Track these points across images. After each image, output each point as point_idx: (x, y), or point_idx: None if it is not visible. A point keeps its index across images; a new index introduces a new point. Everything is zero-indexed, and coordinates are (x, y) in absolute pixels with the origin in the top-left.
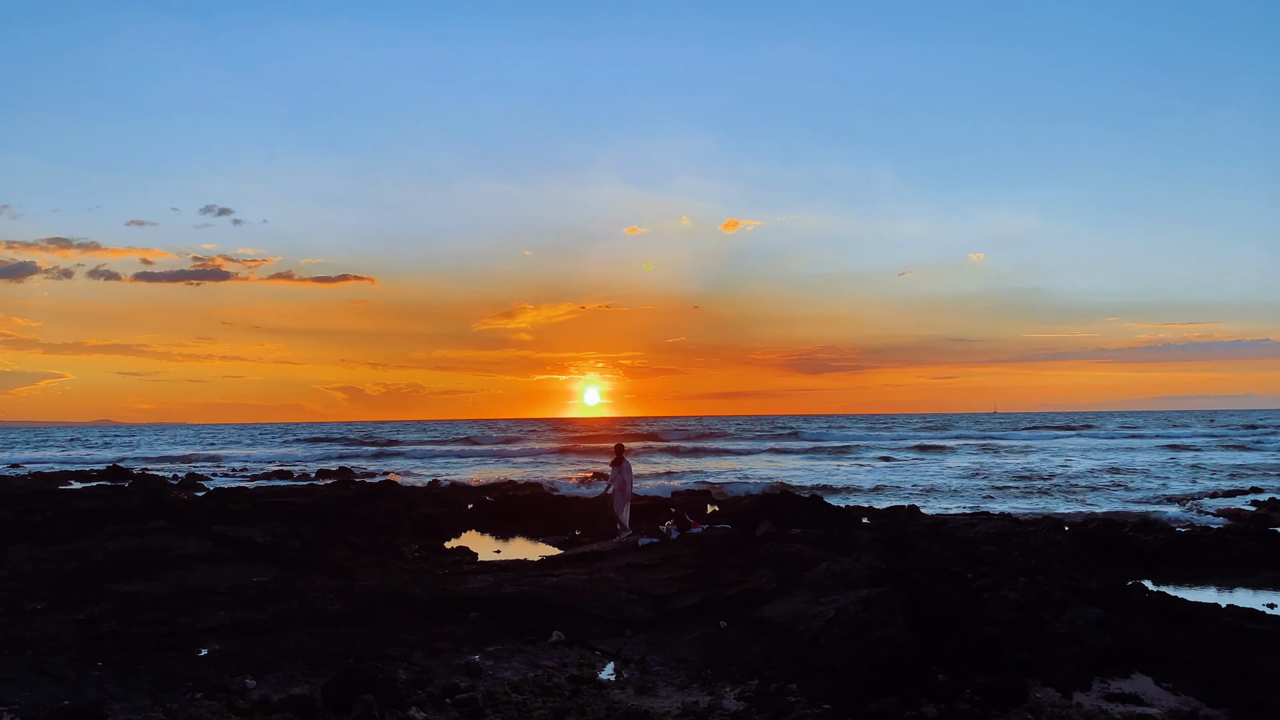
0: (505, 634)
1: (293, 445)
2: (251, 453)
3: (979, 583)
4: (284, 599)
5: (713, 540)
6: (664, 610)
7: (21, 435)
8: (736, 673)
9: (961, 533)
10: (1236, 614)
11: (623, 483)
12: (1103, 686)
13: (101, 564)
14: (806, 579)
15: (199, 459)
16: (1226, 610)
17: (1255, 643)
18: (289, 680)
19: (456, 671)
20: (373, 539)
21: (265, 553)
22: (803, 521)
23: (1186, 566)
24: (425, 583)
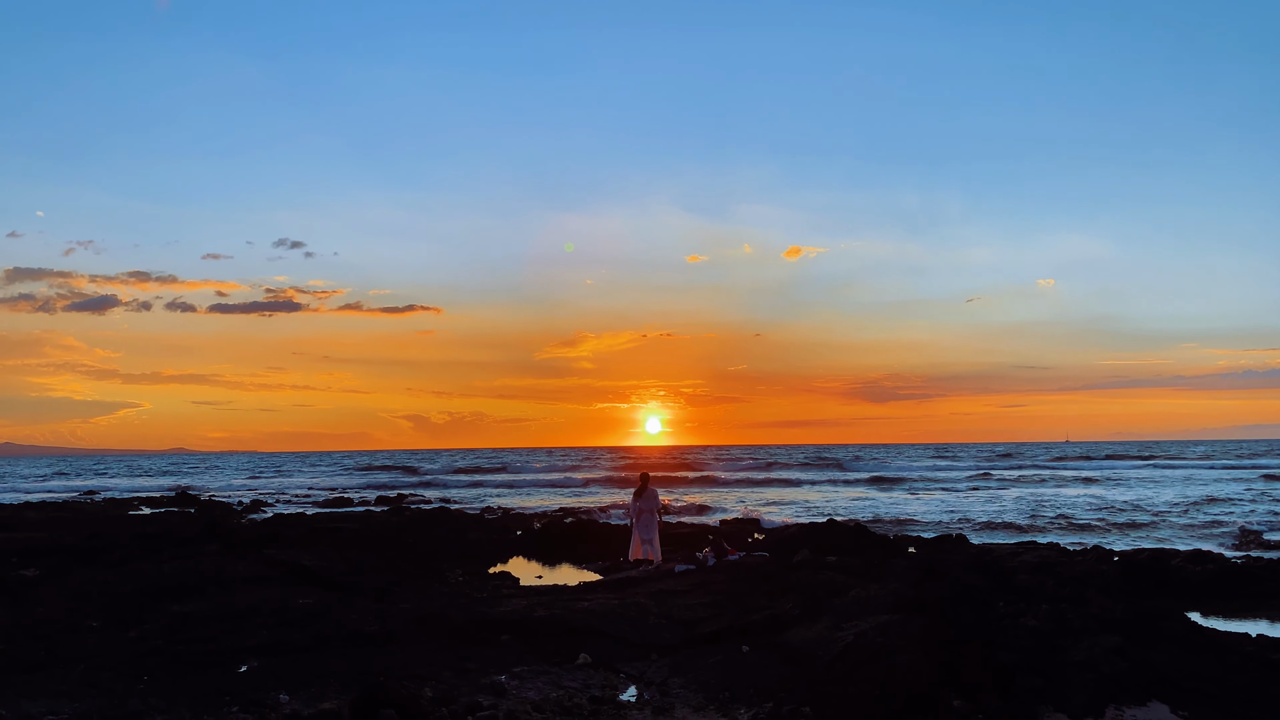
0: (534, 656)
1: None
2: (316, 480)
3: (1002, 610)
4: (323, 620)
5: (747, 568)
6: (690, 635)
7: (99, 463)
8: (754, 696)
9: (1005, 562)
10: (1262, 644)
11: (640, 511)
12: (1116, 714)
13: (156, 585)
14: (833, 606)
15: (265, 486)
16: (1251, 640)
17: (1261, 668)
18: (320, 696)
19: (481, 690)
20: (418, 564)
21: (312, 576)
22: (845, 550)
23: (1234, 598)
24: (461, 606)
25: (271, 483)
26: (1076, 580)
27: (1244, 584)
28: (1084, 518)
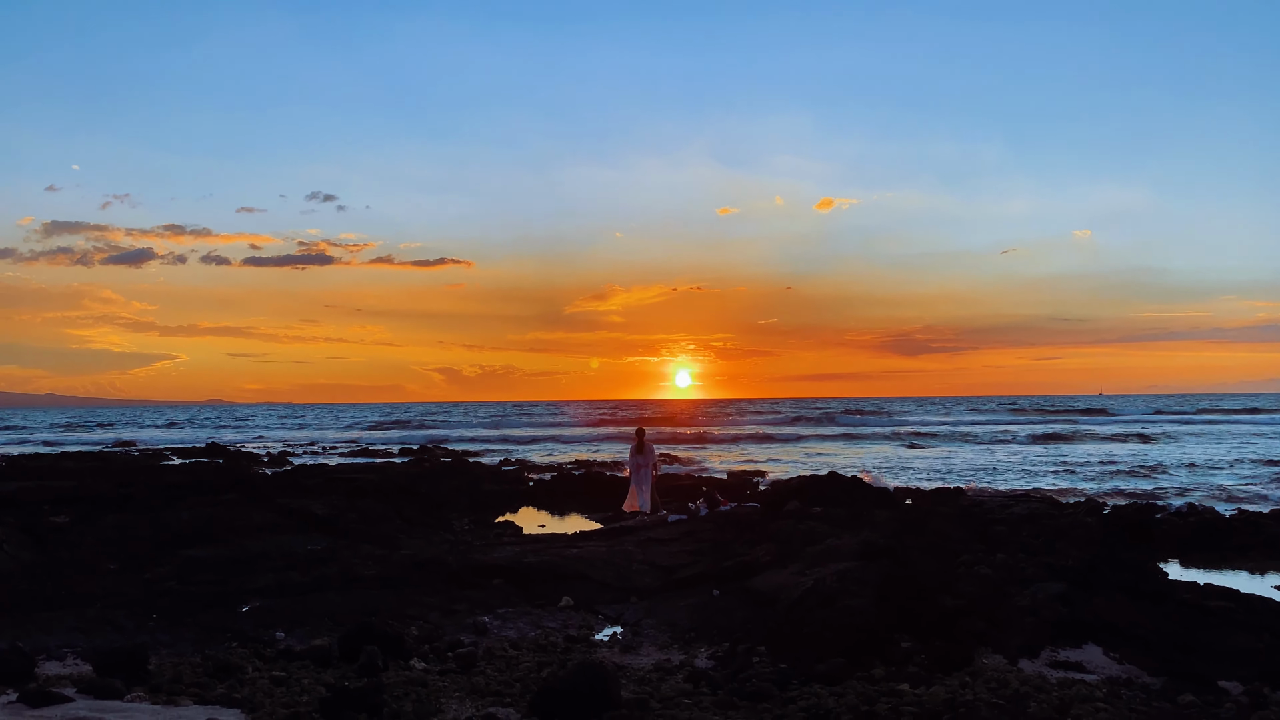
0: (520, 599)
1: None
2: (344, 433)
3: (963, 559)
4: (327, 565)
5: (735, 518)
6: (669, 580)
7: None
8: (716, 635)
9: (993, 514)
10: (1200, 592)
11: (637, 465)
12: (1051, 655)
13: (174, 532)
14: (804, 554)
15: (295, 438)
16: (1190, 587)
17: (1210, 619)
18: (314, 634)
19: (465, 630)
20: (427, 513)
21: (323, 524)
22: (839, 502)
23: (1215, 550)
24: (458, 553)
25: (301, 435)
26: (1058, 532)
27: (1225, 537)
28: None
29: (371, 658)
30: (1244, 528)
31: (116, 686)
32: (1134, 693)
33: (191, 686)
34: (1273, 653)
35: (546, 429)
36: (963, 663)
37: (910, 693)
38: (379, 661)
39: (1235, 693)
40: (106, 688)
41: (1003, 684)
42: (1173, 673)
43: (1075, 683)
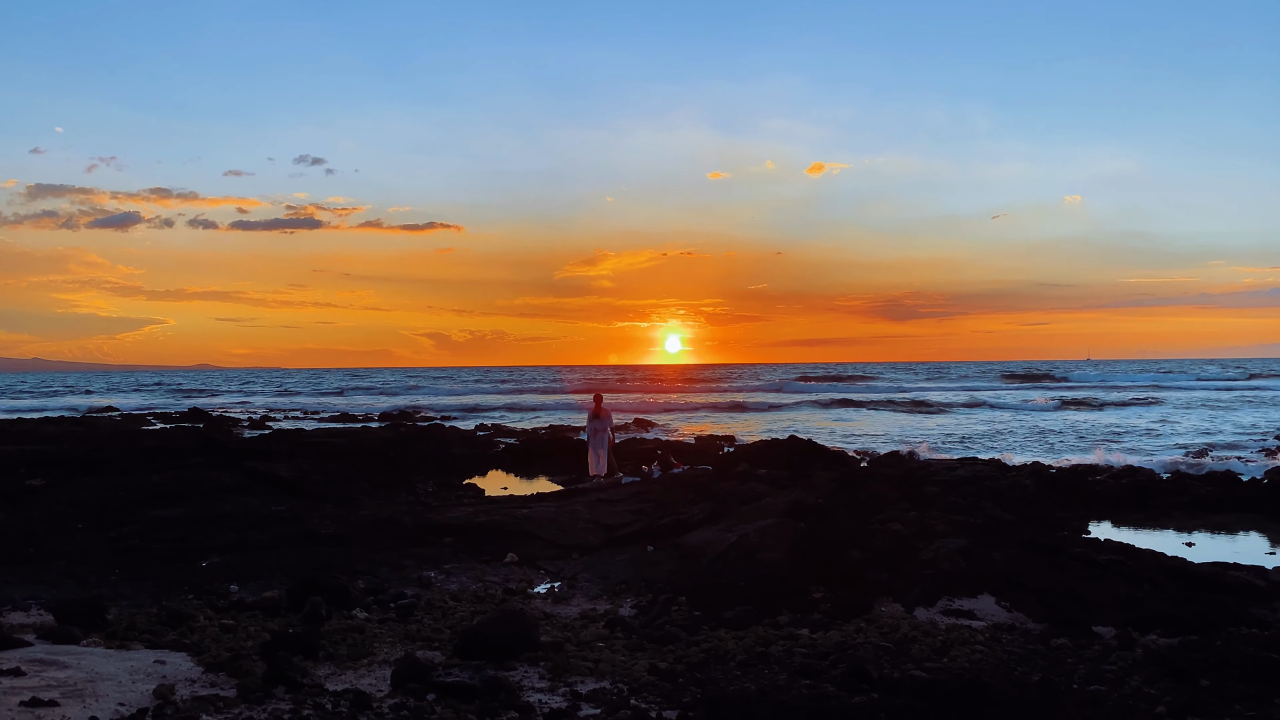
0: (468, 556)
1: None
2: (328, 398)
3: (879, 517)
4: (287, 524)
5: (683, 479)
6: (611, 538)
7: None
8: (644, 588)
9: (937, 475)
10: (1095, 546)
11: (594, 430)
12: (947, 604)
13: (144, 493)
14: (739, 512)
15: (279, 403)
16: (1086, 542)
17: (1097, 571)
18: (266, 587)
19: (410, 583)
20: (393, 476)
21: (288, 486)
22: (792, 464)
23: (1142, 509)
24: (415, 513)
25: (286, 400)
26: (995, 493)
27: (1155, 497)
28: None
29: (315, 607)
30: (1173, 489)
31: (74, 633)
32: (1014, 637)
33: (145, 633)
34: (1148, 600)
35: (530, 395)
36: (862, 610)
37: (807, 636)
38: (322, 611)
39: (1107, 636)
40: (65, 634)
41: (894, 629)
42: (1054, 619)
43: (962, 629)
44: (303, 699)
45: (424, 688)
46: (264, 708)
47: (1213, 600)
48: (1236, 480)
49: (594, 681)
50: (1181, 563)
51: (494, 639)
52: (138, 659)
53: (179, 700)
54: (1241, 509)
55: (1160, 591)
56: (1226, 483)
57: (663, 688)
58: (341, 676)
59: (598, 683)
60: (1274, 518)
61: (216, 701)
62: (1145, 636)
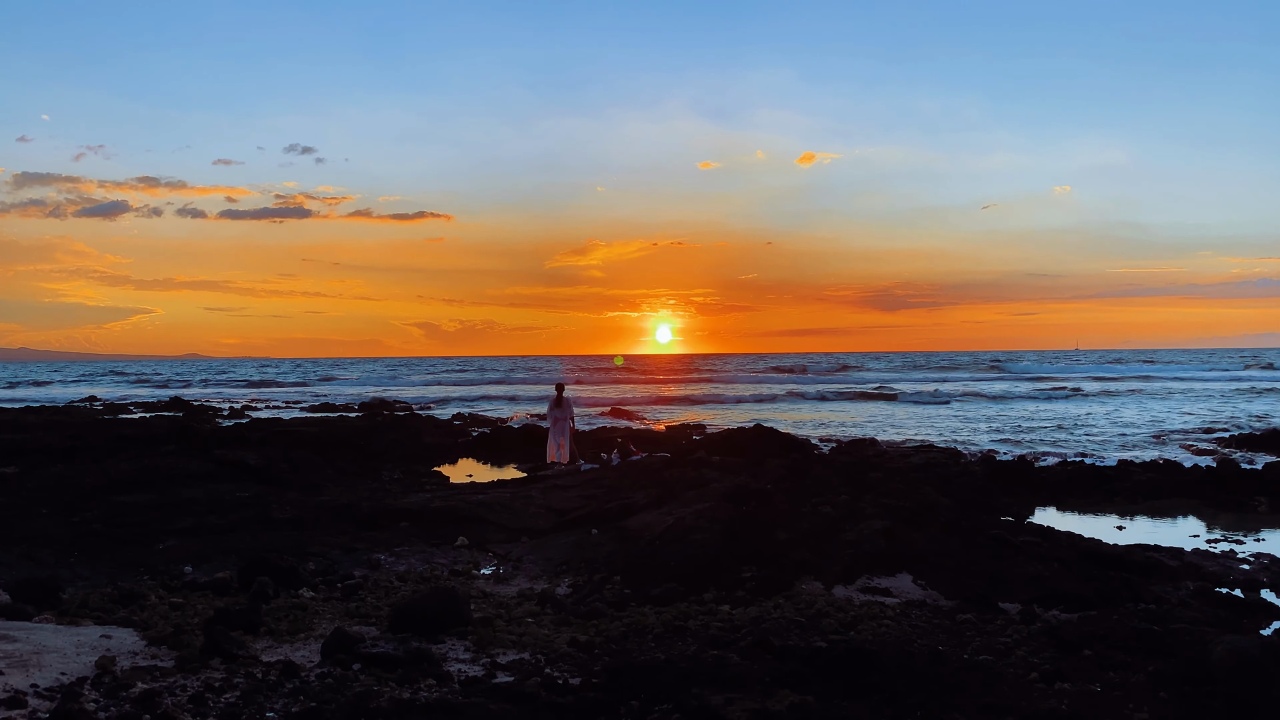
0: (421, 539)
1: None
2: (312, 387)
3: (814, 500)
4: (247, 509)
5: (639, 466)
6: (560, 521)
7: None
8: (584, 568)
9: (890, 462)
10: (1013, 529)
11: (555, 418)
12: (865, 582)
13: (112, 480)
14: (683, 496)
15: (261, 393)
16: (1006, 525)
17: (1010, 552)
18: (219, 568)
19: (360, 565)
20: (360, 464)
21: (254, 473)
22: (750, 451)
23: (1086, 494)
24: (373, 498)
25: (269, 389)
26: (943, 480)
27: (1097, 483)
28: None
29: (263, 587)
30: (1116, 476)
31: (28, 611)
32: (923, 612)
33: (96, 611)
34: (1055, 579)
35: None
36: (784, 588)
37: (727, 612)
38: (269, 590)
39: (1012, 612)
40: (18, 611)
41: (810, 605)
42: (965, 597)
43: (876, 604)
44: (236, 669)
45: (351, 658)
46: (198, 677)
47: (1117, 579)
48: (1179, 467)
49: (515, 653)
50: (1096, 544)
51: (425, 614)
52: (85, 634)
53: (118, 671)
54: (1182, 495)
55: (1069, 571)
56: (1169, 470)
57: (578, 658)
58: (278, 649)
59: (518, 654)
60: (1211, 503)
61: (154, 671)
62: (1048, 612)
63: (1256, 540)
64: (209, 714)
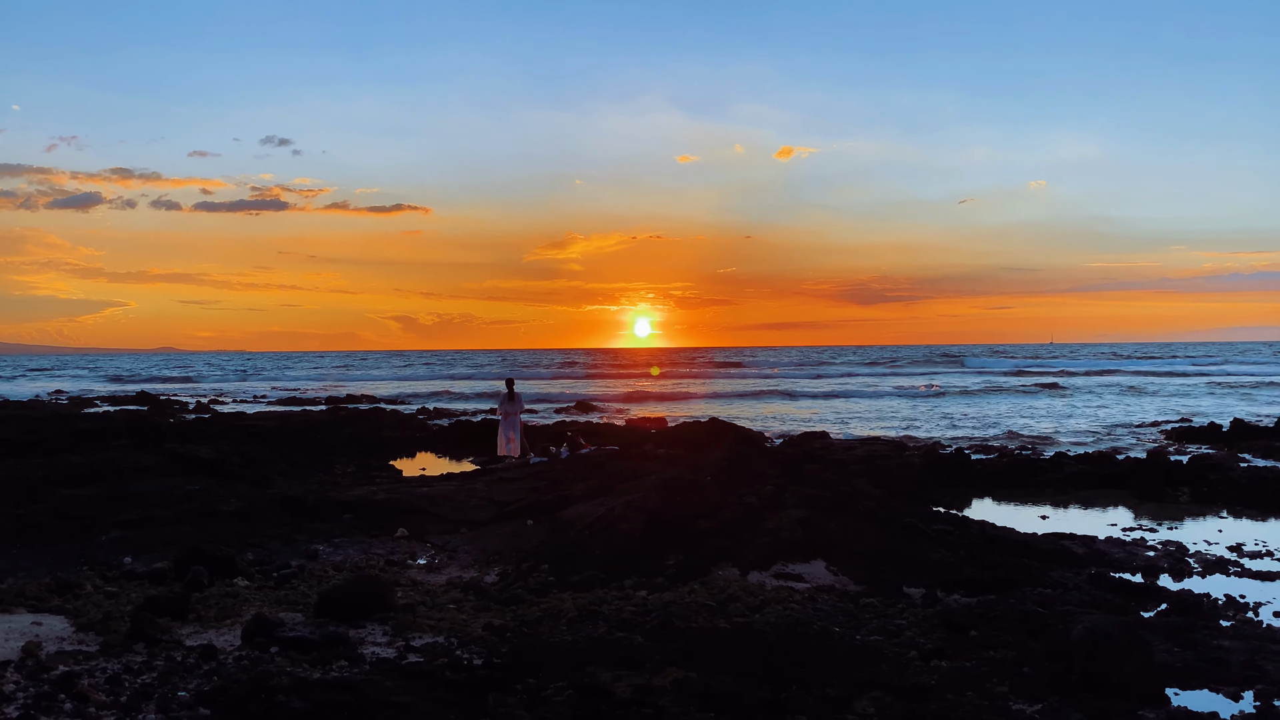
0: (362, 531)
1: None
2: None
3: (741, 491)
4: (192, 501)
5: (585, 459)
6: (500, 513)
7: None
8: (514, 557)
9: (834, 454)
10: (925, 517)
11: (506, 413)
12: (780, 568)
13: (65, 474)
14: (618, 488)
15: (231, 387)
16: (920, 514)
17: (922, 539)
18: (159, 558)
19: (298, 555)
20: (314, 457)
21: (206, 466)
22: (705, 445)
23: (1019, 485)
24: (320, 491)
25: (238, 384)
26: (883, 472)
27: (1031, 474)
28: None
29: (197, 576)
30: (1050, 467)
31: None
32: (830, 597)
33: (31, 600)
34: (961, 565)
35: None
36: (701, 574)
37: (643, 597)
38: (204, 579)
39: (915, 596)
40: None
41: (722, 590)
42: (873, 582)
43: (786, 590)
44: (158, 652)
45: (269, 642)
46: (120, 660)
47: (1018, 565)
48: (1111, 459)
49: (431, 637)
50: (1005, 531)
51: (349, 601)
52: (16, 621)
53: (43, 655)
54: (1111, 486)
55: (975, 557)
56: (1100, 461)
57: (490, 641)
58: (203, 634)
59: (434, 638)
60: (1137, 493)
61: (78, 655)
62: (949, 597)
63: (1170, 529)
64: (123, 693)
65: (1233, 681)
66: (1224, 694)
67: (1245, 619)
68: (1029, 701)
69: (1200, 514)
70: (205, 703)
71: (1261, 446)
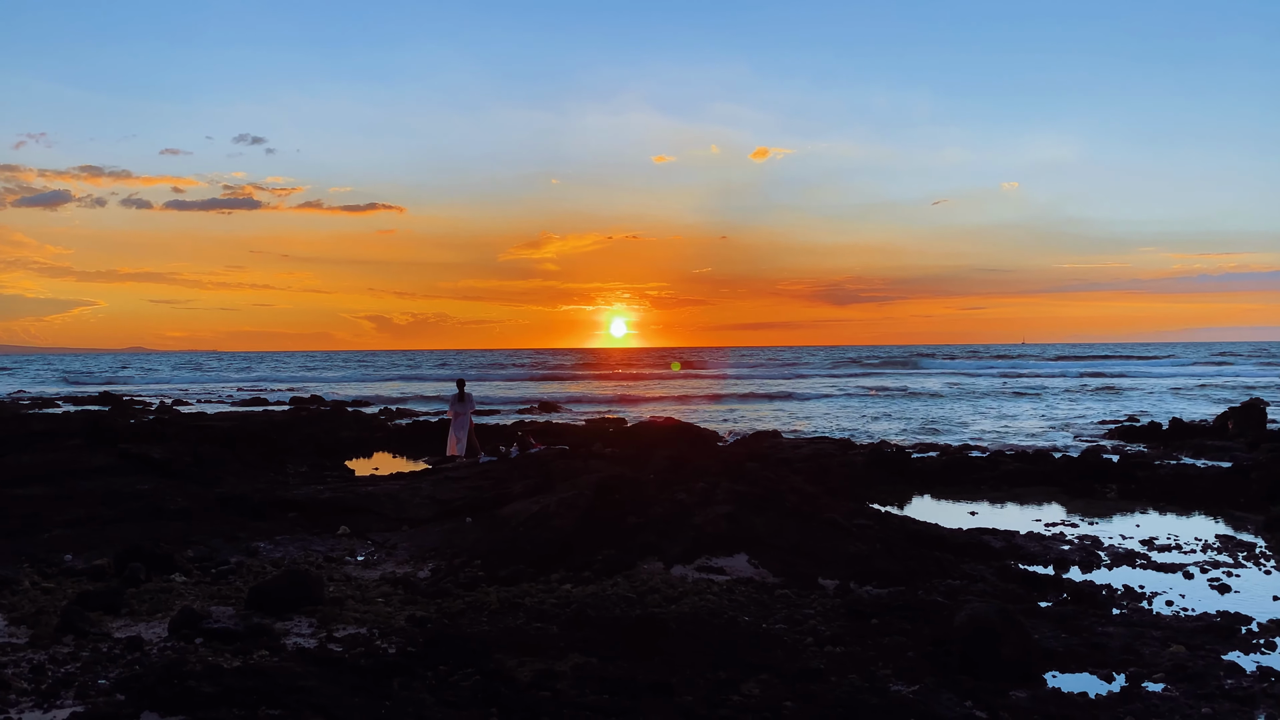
0: (305, 529)
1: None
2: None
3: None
4: (140, 500)
5: (533, 458)
6: (442, 511)
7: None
8: (449, 553)
9: (779, 453)
10: (849, 513)
11: (456, 413)
12: (704, 562)
13: (14, 474)
14: (557, 487)
15: (196, 388)
16: (839, 508)
17: (842, 533)
18: (100, 556)
19: (239, 552)
20: (268, 457)
21: (158, 467)
22: (654, 444)
23: (956, 483)
24: (266, 490)
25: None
26: (824, 470)
27: (968, 472)
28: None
29: (135, 572)
30: (987, 465)
31: None
32: (748, 588)
33: None
34: (876, 558)
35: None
36: (626, 568)
37: (567, 590)
38: (141, 575)
39: (829, 587)
40: None
41: (644, 583)
42: (791, 574)
43: (706, 582)
44: (85, 644)
45: (194, 633)
46: (48, 651)
47: (932, 558)
48: (1046, 457)
49: (355, 628)
50: (924, 526)
51: (278, 594)
52: None
53: None
54: (1044, 483)
55: (891, 551)
56: (1035, 460)
57: (410, 632)
58: (134, 627)
59: (357, 629)
60: (1068, 490)
61: (6, 647)
62: (862, 588)
63: (1091, 524)
64: (45, 681)
65: (1108, 664)
66: (1098, 676)
67: (1138, 608)
68: (907, 683)
69: (1124, 510)
70: (121, 689)
71: (1194, 445)
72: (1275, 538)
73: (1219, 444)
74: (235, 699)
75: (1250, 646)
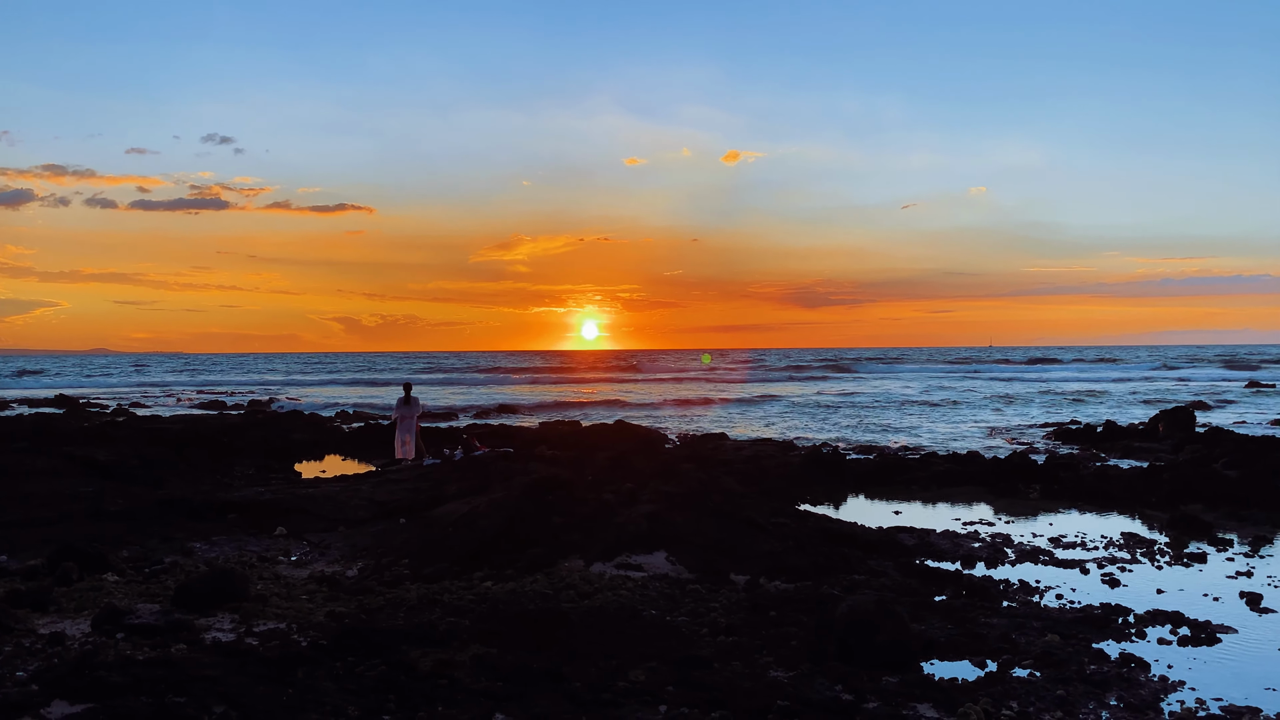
0: (242, 530)
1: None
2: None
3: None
4: (80, 502)
5: (474, 461)
6: (379, 511)
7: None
8: (378, 552)
9: (719, 454)
10: (769, 512)
11: (401, 416)
12: (624, 559)
13: None
14: (492, 488)
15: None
16: (757, 508)
17: (758, 531)
18: (34, 557)
19: (174, 553)
20: (215, 459)
21: (102, 469)
22: (598, 447)
23: (889, 482)
24: (207, 492)
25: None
26: (761, 470)
27: (901, 472)
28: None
29: (67, 571)
30: (918, 466)
31: None
32: (662, 584)
33: None
34: (787, 554)
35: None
36: (548, 566)
37: (488, 587)
38: (73, 574)
39: (740, 582)
40: None
41: (563, 579)
42: (705, 570)
43: (623, 578)
44: (7, 640)
45: (116, 628)
46: None
47: (840, 554)
48: (976, 459)
49: (274, 623)
50: (836, 524)
51: (203, 591)
52: None
53: None
54: (973, 483)
55: (803, 548)
56: (965, 461)
57: (328, 627)
58: (59, 624)
59: (277, 624)
60: (994, 490)
61: None
62: (771, 583)
63: (1007, 523)
64: None
65: (984, 652)
66: (972, 662)
67: (1028, 601)
68: (786, 669)
69: (1044, 509)
70: (36, 680)
71: (1122, 446)
72: (1176, 535)
73: (1147, 446)
74: (144, 688)
75: (1122, 636)
